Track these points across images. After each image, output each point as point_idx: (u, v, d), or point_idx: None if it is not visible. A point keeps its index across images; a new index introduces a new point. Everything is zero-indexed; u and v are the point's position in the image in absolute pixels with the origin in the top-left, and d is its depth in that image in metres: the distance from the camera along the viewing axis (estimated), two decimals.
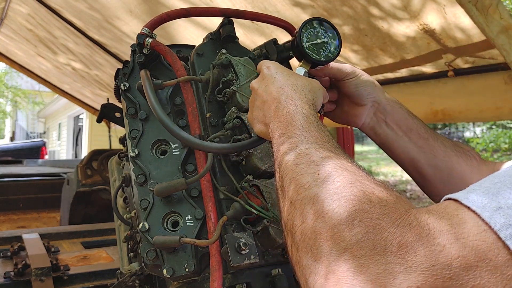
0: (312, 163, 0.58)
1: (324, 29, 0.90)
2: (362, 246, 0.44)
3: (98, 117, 1.22)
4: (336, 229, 0.47)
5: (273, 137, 0.71)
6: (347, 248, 0.45)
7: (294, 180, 0.57)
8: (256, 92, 0.80)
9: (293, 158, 0.61)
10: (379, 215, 0.46)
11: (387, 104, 0.95)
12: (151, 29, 0.96)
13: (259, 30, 2.70)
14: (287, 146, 0.65)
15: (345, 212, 0.47)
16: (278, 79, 0.77)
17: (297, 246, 0.51)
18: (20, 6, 4.39)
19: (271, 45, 1.05)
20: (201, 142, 0.85)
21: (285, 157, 0.63)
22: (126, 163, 1.15)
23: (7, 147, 11.16)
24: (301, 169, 0.58)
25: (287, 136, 0.67)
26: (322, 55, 0.88)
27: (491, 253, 0.40)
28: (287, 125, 0.68)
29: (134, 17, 3.43)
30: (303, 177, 0.56)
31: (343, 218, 0.47)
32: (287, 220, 0.56)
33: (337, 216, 0.48)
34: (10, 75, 22.11)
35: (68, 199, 3.67)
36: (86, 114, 12.47)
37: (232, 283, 0.86)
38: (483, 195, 0.44)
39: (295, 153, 0.62)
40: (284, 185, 0.60)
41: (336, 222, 0.47)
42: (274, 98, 0.74)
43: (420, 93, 2.56)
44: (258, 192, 0.86)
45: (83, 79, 5.61)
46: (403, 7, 1.95)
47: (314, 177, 0.55)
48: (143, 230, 0.84)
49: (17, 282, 1.97)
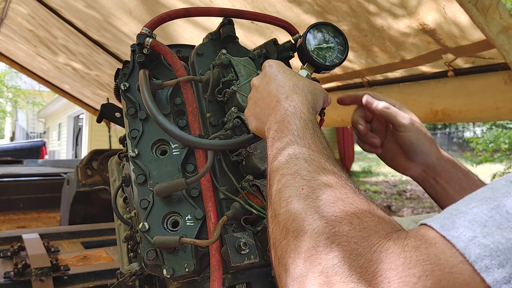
0: (298, 176, 0.57)
1: (332, 35, 0.89)
2: (338, 271, 0.44)
3: (98, 117, 1.22)
4: (314, 251, 0.46)
5: (268, 136, 0.70)
6: (323, 271, 0.45)
7: (279, 192, 0.57)
8: (256, 89, 0.79)
9: (282, 166, 0.60)
10: (357, 239, 0.46)
11: (438, 164, 0.91)
12: (151, 29, 0.96)
13: (259, 30, 2.70)
14: (278, 149, 0.64)
15: (324, 234, 0.47)
16: (280, 78, 0.75)
17: (278, 261, 0.52)
18: (20, 6, 4.39)
19: (271, 45, 1.05)
20: (194, 138, 0.84)
21: (274, 163, 0.62)
22: (126, 163, 1.15)
23: (7, 147, 11.16)
24: (287, 181, 0.57)
25: (280, 138, 0.65)
26: (327, 60, 0.87)
27: (467, 287, 0.39)
28: (283, 127, 0.67)
29: (134, 17, 3.43)
30: (287, 190, 0.55)
31: (321, 240, 0.47)
32: (271, 233, 0.56)
33: (315, 237, 0.47)
34: (10, 75, 22.11)
35: (68, 199, 3.67)
36: (86, 114, 12.47)
37: (232, 283, 0.86)
38: (459, 222, 0.43)
39: (284, 160, 0.61)
40: (271, 193, 0.59)
41: (313, 244, 0.47)
42: (273, 96, 0.73)
43: (420, 93, 2.56)
44: (258, 192, 0.86)
45: (83, 79, 5.61)
46: (402, 7, 1.95)
47: (297, 191, 0.54)
48: (143, 230, 0.84)
49: (17, 282, 1.97)
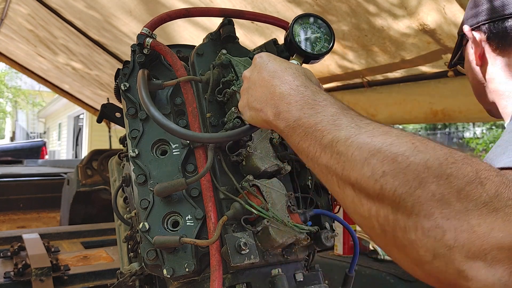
0: (387, 134, 0.55)
1: (317, 25, 0.91)
2: (500, 198, 0.47)
3: (98, 117, 1.22)
4: (468, 188, 0.47)
5: (278, 118, 0.68)
6: (486, 202, 0.47)
7: (379, 153, 0.52)
8: (248, 80, 0.79)
9: (352, 133, 0.57)
10: (496, 172, 0.49)
11: None
12: (151, 29, 0.96)
13: (259, 31, 2.70)
14: (316, 121, 0.61)
15: (469, 172, 0.48)
16: (271, 65, 0.75)
17: (411, 212, 0.49)
18: (20, 6, 4.40)
19: (271, 45, 1.05)
20: (192, 133, 0.85)
21: (332, 132, 0.58)
22: (126, 163, 1.15)
23: (7, 147, 11.15)
24: (384, 140, 0.53)
25: (312, 115, 0.63)
26: (315, 49, 0.89)
27: None
28: (303, 104, 0.65)
29: (134, 17, 3.44)
30: (393, 147, 0.52)
31: (470, 178, 0.48)
32: (396, 189, 0.51)
33: (463, 177, 0.48)
34: (10, 75, 22.12)
35: (68, 199, 3.67)
36: (86, 114, 12.47)
37: (232, 283, 0.86)
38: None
39: (352, 128, 0.57)
40: (366, 157, 0.53)
41: (464, 182, 0.48)
42: (267, 82, 0.73)
43: (420, 93, 2.56)
44: (258, 192, 0.86)
45: (83, 79, 5.61)
46: (402, 7, 1.96)
47: (408, 146, 0.52)
48: (143, 230, 0.84)
49: (17, 282, 1.97)
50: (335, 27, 2.33)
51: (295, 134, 0.65)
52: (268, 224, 0.82)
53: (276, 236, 0.82)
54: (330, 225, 0.98)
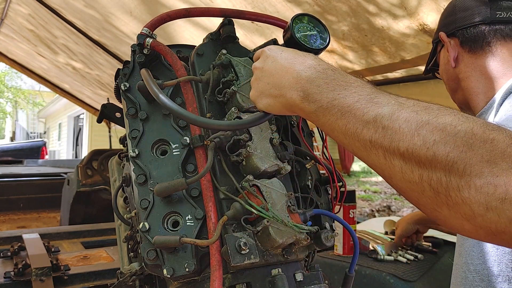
0: (429, 108, 0.60)
1: (312, 24, 0.95)
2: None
3: (98, 117, 1.22)
4: (510, 149, 0.53)
5: (306, 100, 0.71)
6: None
7: (427, 124, 0.58)
8: (261, 70, 0.80)
9: (396, 107, 0.62)
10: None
11: None
12: (151, 29, 0.96)
13: (259, 31, 2.70)
14: (355, 99, 0.66)
15: (505, 137, 0.54)
16: (285, 54, 0.78)
17: (464, 173, 0.54)
18: (20, 6, 4.40)
19: (271, 45, 1.05)
20: (208, 120, 0.86)
21: (374, 109, 0.63)
22: (126, 163, 1.15)
23: (7, 147, 11.14)
24: (429, 113, 0.59)
25: (338, 91, 0.67)
26: (313, 45, 0.92)
27: None
28: (335, 85, 0.69)
29: (134, 17, 3.44)
30: (440, 119, 0.58)
31: (508, 141, 0.54)
32: (448, 154, 0.56)
33: (503, 141, 0.54)
34: (10, 75, 22.12)
35: (68, 199, 3.67)
36: (86, 114, 12.48)
37: (232, 283, 0.86)
38: None
39: (388, 104, 0.63)
40: (416, 128, 0.59)
41: (506, 145, 0.54)
42: (286, 68, 0.75)
43: (420, 93, 2.57)
44: (258, 192, 0.86)
45: (83, 79, 5.62)
46: (402, 7, 1.96)
47: (452, 117, 0.58)
48: (143, 230, 0.84)
49: (17, 282, 1.97)
50: (335, 27, 2.33)
51: (329, 114, 0.68)
52: (268, 224, 0.82)
53: (276, 236, 0.82)
54: (330, 225, 0.98)
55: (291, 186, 0.97)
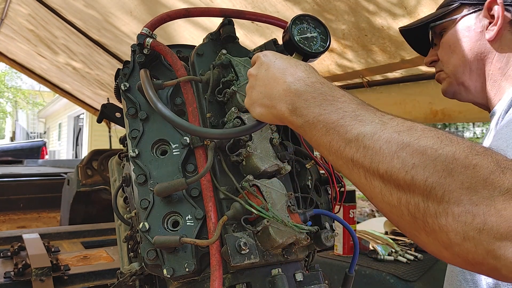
0: (412, 129, 0.58)
1: (313, 26, 0.92)
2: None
3: (99, 117, 1.22)
4: (492, 176, 0.51)
5: (294, 114, 0.70)
6: (508, 188, 0.50)
7: (408, 146, 0.56)
8: (255, 77, 0.79)
9: (377, 129, 0.60)
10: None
11: None
12: (151, 29, 0.96)
13: (259, 31, 2.70)
14: (337, 120, 0.64)
15: (491, 163, 0.52)
16: (278, 63, 0.76)
17: (442, 200, 0.53)
18: (20, 6, 4.40)
19: (271, 45, 1.05)
20: (201, 128, 0.86)
21: (357, 128, 0.61)
22: (126, 163, 1.15)
23: (7, 147, 11.14)
24: (411, 135, 0.57)
25: (331, 111, 0.65)
26: (312, 48, 0.90)
27: None
28: (322, 100, 0.67)
29: (134, 17, 3.44)
30: (421, 141, 0.55)
31: (492, 168, 0.52)
32: (427, 179, 0.54)
33: (487, 167, 0.52)
34: (10, 75, 22.13)
35: (68, 199, 3.67)
36: (86, 114, 12.48)
37: (232, 283, 0.86)
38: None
39: (375, 124, 0.60)
40: (396, 150, 0.57)
41: (489, 172, 0.51)
42: (277, 79, 0.74)
43: (420, 93, 2.56)
44: (258, 192, 0.86)
45: (83, 78, 5.62)
46: (402, 6, 1.96)
47: (434, 140, 0.55)
48: (143, 230, 0.84)
49: (17, 282, 1.97)
50: (334, 26, 2.33)
51: (315, 129, 0.67)
52: (268, 224, 0.82)
53: (276, 236, 0.82)
54: (330, 225, 0.98)
55: (291, 186, 0.97)
